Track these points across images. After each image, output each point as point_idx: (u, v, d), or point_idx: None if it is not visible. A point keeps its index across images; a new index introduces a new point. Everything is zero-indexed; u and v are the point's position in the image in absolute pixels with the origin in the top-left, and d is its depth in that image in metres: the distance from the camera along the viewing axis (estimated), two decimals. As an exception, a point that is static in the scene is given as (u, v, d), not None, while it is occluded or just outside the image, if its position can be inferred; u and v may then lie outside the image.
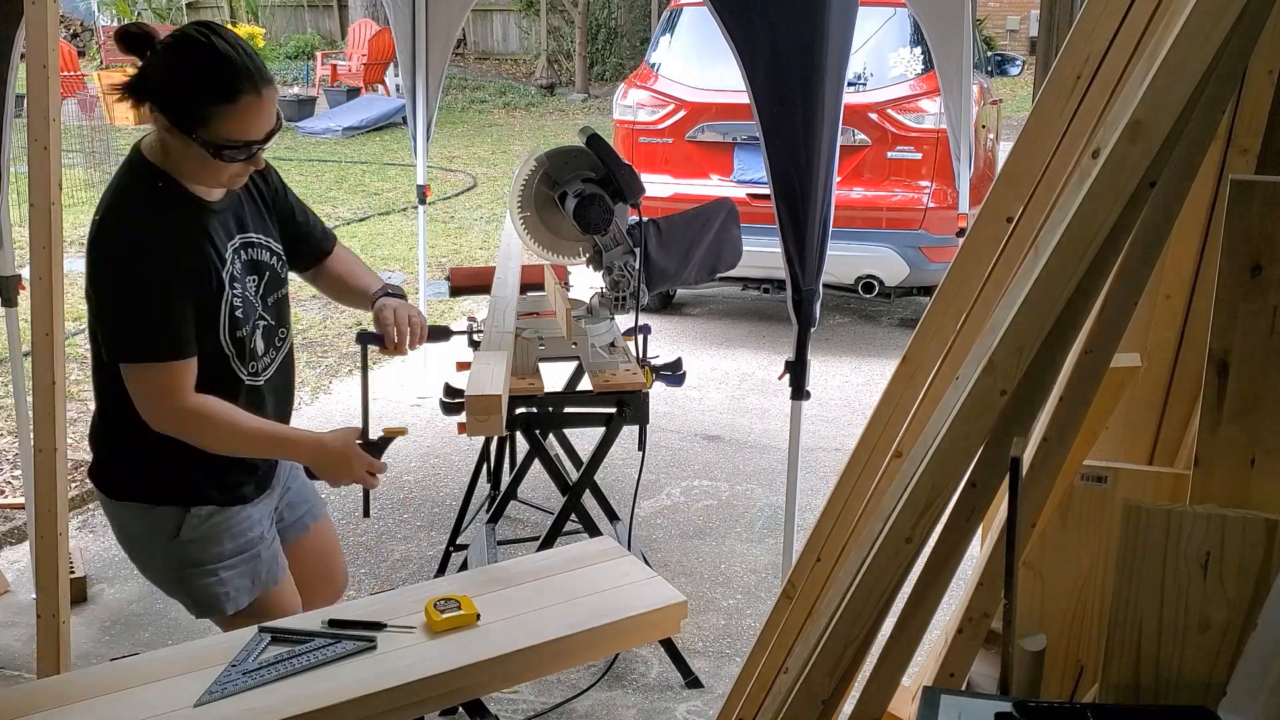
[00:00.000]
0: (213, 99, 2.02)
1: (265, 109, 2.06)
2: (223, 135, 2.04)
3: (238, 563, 2.32)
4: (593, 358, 3.07)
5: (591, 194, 2.94)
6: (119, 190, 2.15)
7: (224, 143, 2.04)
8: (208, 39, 2.03)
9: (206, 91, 2.02)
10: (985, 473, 1.68)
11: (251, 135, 2.07)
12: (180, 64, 2.03)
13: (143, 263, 2.07)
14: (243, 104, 2.03)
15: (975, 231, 2.16)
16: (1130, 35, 1.91)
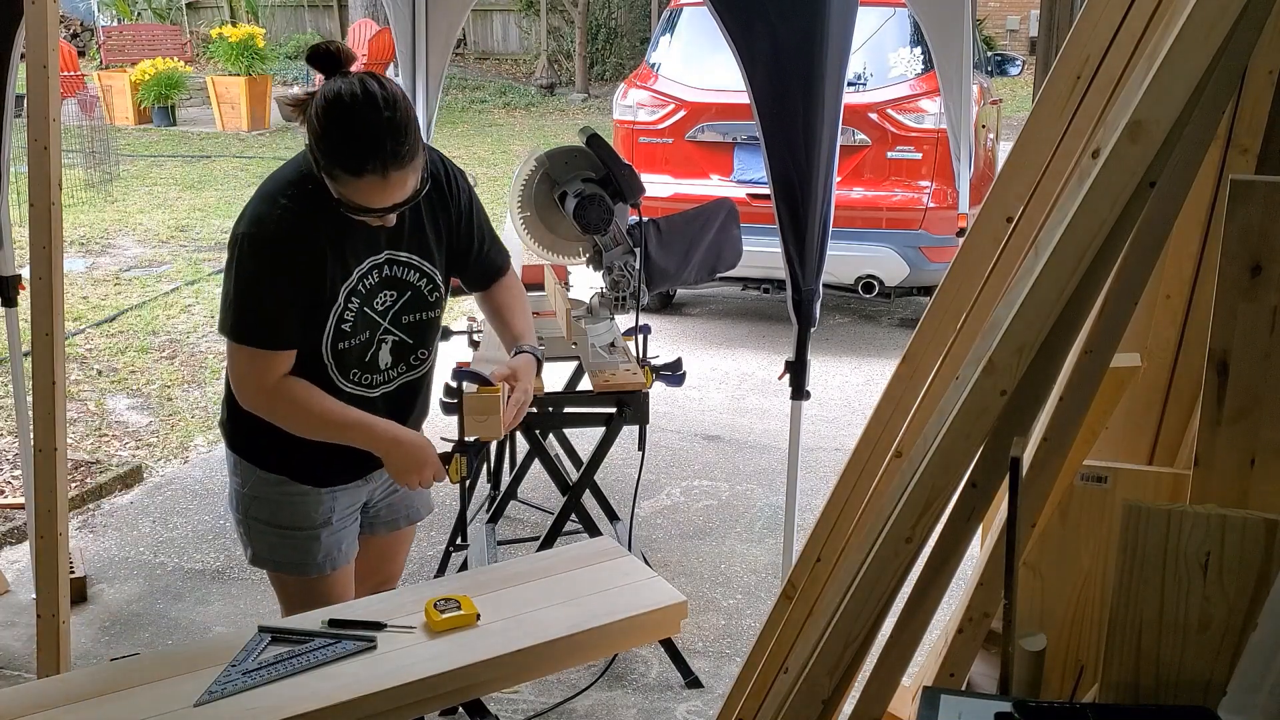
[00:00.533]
0: (340, 167, 2.07)
1: (390, 189, 2.09)
2: (348, 196, 2.10)
3: (290, 536, 2.40)
4: (593, 358, 3.07)
5: (591, 194, 2.95)
6: (280, 180, 2.20)
7: (349, 203, 2.11)
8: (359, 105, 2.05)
9: (336, 157, 2.07)
10: (985, 473, 1.68)
11: (374, 205, 2.12)
12: (325, 119, 2.07)
13: (266, 255, 2.15)
14: (366, 181, 2.07)
15: (975, 231, 2.16)
16: (1130, 35, 1.91)
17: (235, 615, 3.63)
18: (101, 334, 6.42)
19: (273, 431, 2.29)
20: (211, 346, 6.25)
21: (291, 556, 2.42)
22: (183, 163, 11.73)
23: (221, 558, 4.02)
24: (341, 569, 2.46)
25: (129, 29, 17.30)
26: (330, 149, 2.07)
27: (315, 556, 2.41)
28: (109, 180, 10.15)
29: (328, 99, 2.06)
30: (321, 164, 2.09)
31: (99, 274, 7.62)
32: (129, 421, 5.23)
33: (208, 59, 16.30)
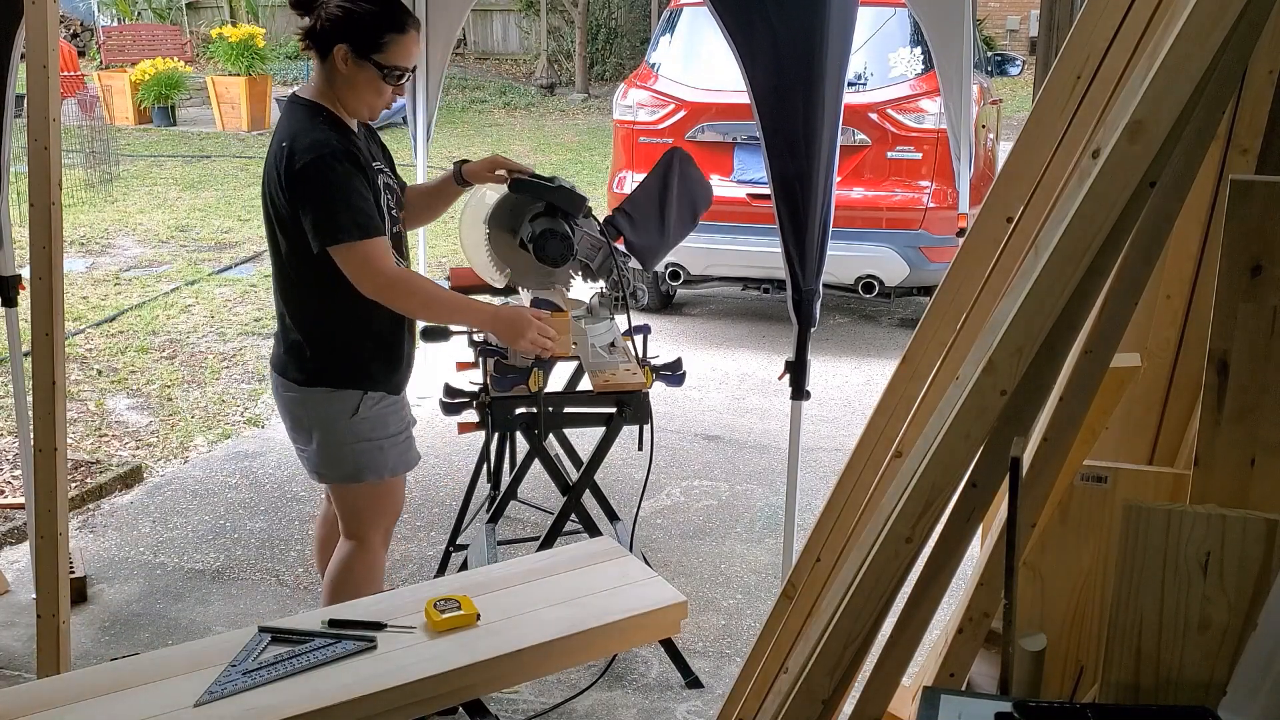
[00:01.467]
0: (389, 29, 2.56)
1: (417, 47, 2.65)
2: (392, 61, 2.58)
3: (396, 441, 2.78)
4: (593, 358, 3.07)
5: (541, 230, 2.94)
6: (292, 123, 2.60)
7: (393, 67, 2.58)
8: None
9: (385, 23, 2.56)
10: (985, 473, 1.68)
11: (409, 62, 2.63)
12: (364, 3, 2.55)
13: (331, 164, 2.52)
14: (409, 35, 2.60)
15: (975, 231, 2.16)
16: (1130, 35, 1.91)
17: (235, 615, 3.63)
18: (101, 334, 6.42)
19: (362, 353, 2.69)
20: (211, 346, 6.25)
21: (401, 457, 2.80)
22: (183, 163, 11.74)
23: (221, 558, 4.02)
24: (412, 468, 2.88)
25: (129, 29, 17.30)
26: (377, 19, 2.55)
27: (414, 449, 2.84)
28: (109, 180, 10.15)
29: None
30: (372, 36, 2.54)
31: (99, 274, 7.62)
32: (129, 421, 5.23)
33: (208, 59, 16.30)
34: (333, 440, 2.73)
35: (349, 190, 2.54)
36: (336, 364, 2.71)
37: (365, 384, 2.71)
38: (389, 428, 2.76)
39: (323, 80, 2.64)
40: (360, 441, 2.73)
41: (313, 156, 2.51)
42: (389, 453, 2.77)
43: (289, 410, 2.80)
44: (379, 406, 2.73)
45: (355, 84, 2.60)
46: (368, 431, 2.73)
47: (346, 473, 2.76)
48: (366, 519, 2.82)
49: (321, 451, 2.76)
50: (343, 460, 2.75)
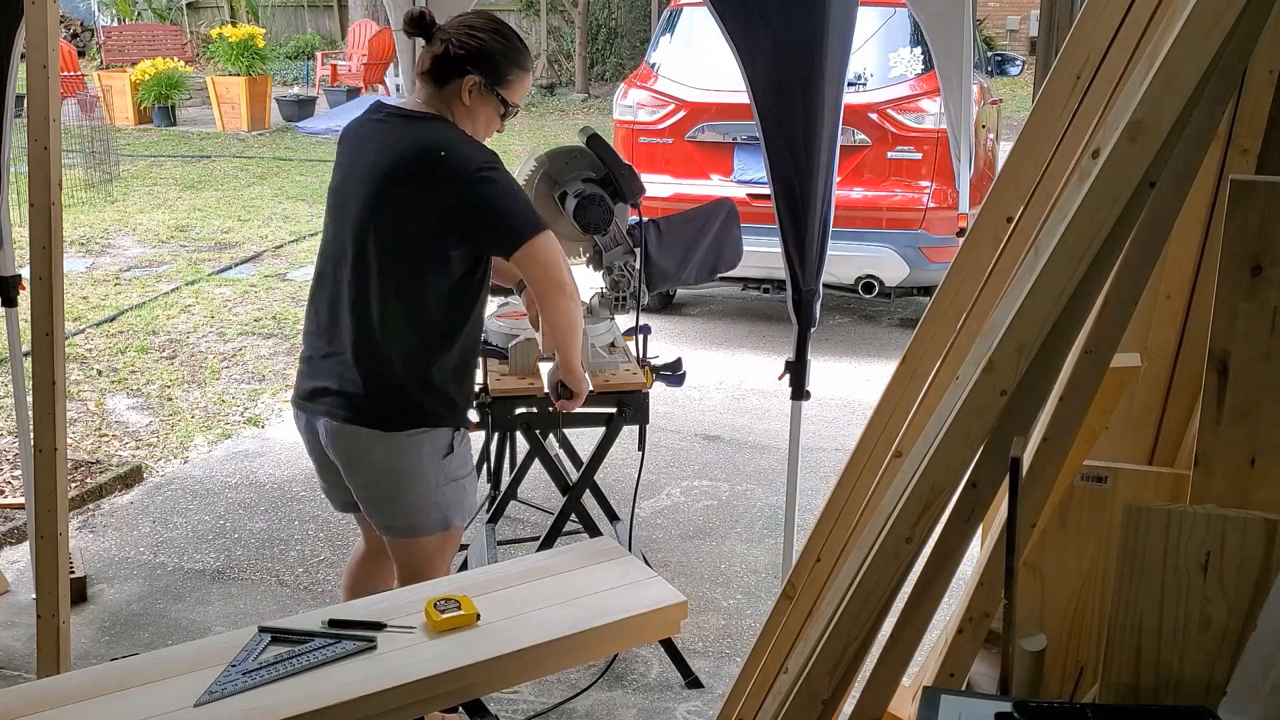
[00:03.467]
0: (518, 65, 2.59)
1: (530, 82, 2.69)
2: (514, 97, 2.60)
3: (471, 479, 2.68)
4: (593, 358, 3.07)
5: (591, 194, 2.94)
6: (434, 131, 2.51)
7: (513, 104, 2.60)
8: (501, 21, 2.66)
9: (515, 59, 2.58)
10: (985, 473, 1.68)
11: (521, 101, 2.65)
12: (500, 36, 2.59)
13: (497, 166, 2.49)
14: (528, 74, 2.63)
15: (975, 231, 2.16)
16: (1130, 35, 1.91)
17: (235, 615, 3.63)
18: (101, 334, 6.42)
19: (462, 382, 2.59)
20: (211, 346, 6.25)
21: (475, 494, 2.72)
22: (183, 163, 11.73)
23: (221, 558, 4.02)
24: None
25: (129, 29, 17.31)
26: (508, 54, 2.57)
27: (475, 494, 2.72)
28: (109, 180, 10.15)
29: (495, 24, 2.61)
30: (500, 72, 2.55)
31: (99, 274, 7.62)
32: (129, 421, 5.23)
33: (208, 59, 16.31)
34: (426, 486, 2.54)
35: (518, 190, 2.53)
36: (439, 398, 2.53)
37: (460, 418, 2.59)
38: (468, 464, 2.65)
39: (438, 103, 2.54)
40: (451, 483, 2.58)
41: (488, 161, 2.46)
42: (469, 490, 2.66)
43: (368, 459, 2.53)
44: (464, 444, 2.61)
45: (474, 115, 2.55)
46: (456, 470, 2.59)
47: (436, 520, 2.58)
48: (436, 567, 2.64)
49: (413, 502, 2.55)
50: (433, 507, 2.57)
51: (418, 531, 2.58)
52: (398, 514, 2.58)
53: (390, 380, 2.49)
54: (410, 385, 2.49)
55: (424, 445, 2.51)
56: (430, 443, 2.52)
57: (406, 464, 2.51)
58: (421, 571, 2.61)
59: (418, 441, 2.51)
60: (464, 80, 2.51)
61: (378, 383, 2.49)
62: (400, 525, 2.59)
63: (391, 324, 2.48)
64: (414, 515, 2.57)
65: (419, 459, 2.51)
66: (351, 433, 2.51)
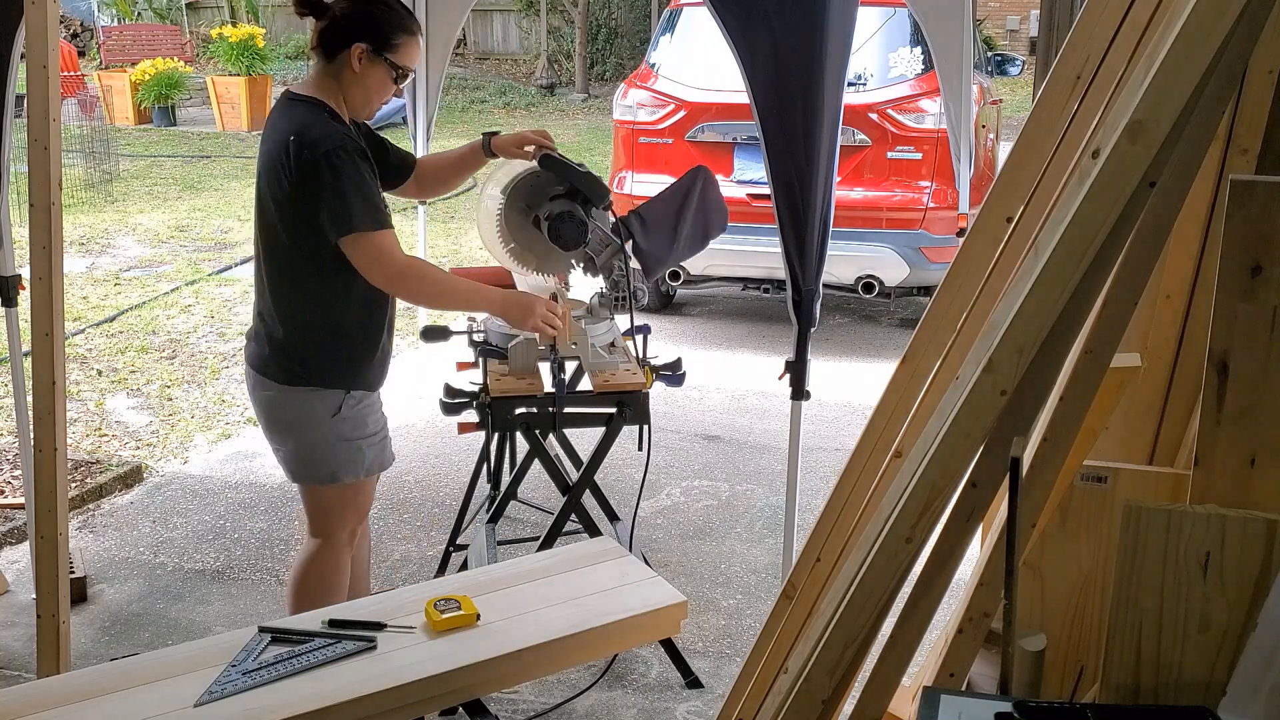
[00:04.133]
0: (402, 30, 2.68)
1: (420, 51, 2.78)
2: (403, 61, 2.69)
3: (374, 440, 2.81)
4: (593, 358, 3.07)
5: (560, 212, 2.94)
6: (294, 118, 2.63)
7: (403, 67, 2.70)
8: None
9: (399, 24, 2.68)
10: (985, 473, 1.68)
11: (415, 64, 2.74)
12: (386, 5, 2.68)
13: (344, 156, 2.57)
14: (417, 38, 2.72)
15: (975, 231, 2.16)
16: (1130, 35, 1.91)
17: (235, 615, 3.63)
18: (101, 334, 6.42)
19: (349, 352, 2.72)
20: (211, 346, 6.25)
21: (377, 457, 2.82)
22: (183, 163, 11.73)
23: (221, 558, 4.02)
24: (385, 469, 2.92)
25: (129, 29, 17.30)
26: (391, 19, 2.66)
27: (389, 449, 2.87)
28: (109, 180, 10.15)
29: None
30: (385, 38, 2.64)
31: (99, 274, 7.62)
32: (129, 421, 5.23)
33: (208, 59, 16.30)
34: (313, 440, 2.75)
35: (361, 182, 2.59)
36: (322, 362, 2.72)
37: (348, 383, 2.74)
38: (368, 427, 2.78)
39: (326, 78, 2.69)
40: (341, 441, 2.74)
41: (327, 148, 2.55)
42: (367, 452, 2.79)
43: (267, 410, 2.79)
44: (360, 406, 2.76)
45: (365, 83, 2.68)
46: (348, 431, 2.74)
47: (325, 474, 2.77)
48: (335, 518, 2.83)
49: (301, 452, 2.77)
50: (322, 461, 2.76)
51: (306, 479, 2.79)
52: (286, 459, 2.81)
53: (280, 341, 2.72)
54: (295, 347, 2.71)
55: (310, 401, 2.72)
56: (318, 400, 2.71)
57: (291, 415, 2.75)
58: (321, 519, 2.83)
59: (302, 397, 2.72)
60: (351, 49, 2.65)
61: (270, 341, 2.74)
62: (290, 470, 2.82)
63: (275, 289, 2.71)
64: (302, 464, 2.78)
65: (305, 413, 2.73)
66: (253, 379, 2.79)
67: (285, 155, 2.58)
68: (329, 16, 2.67)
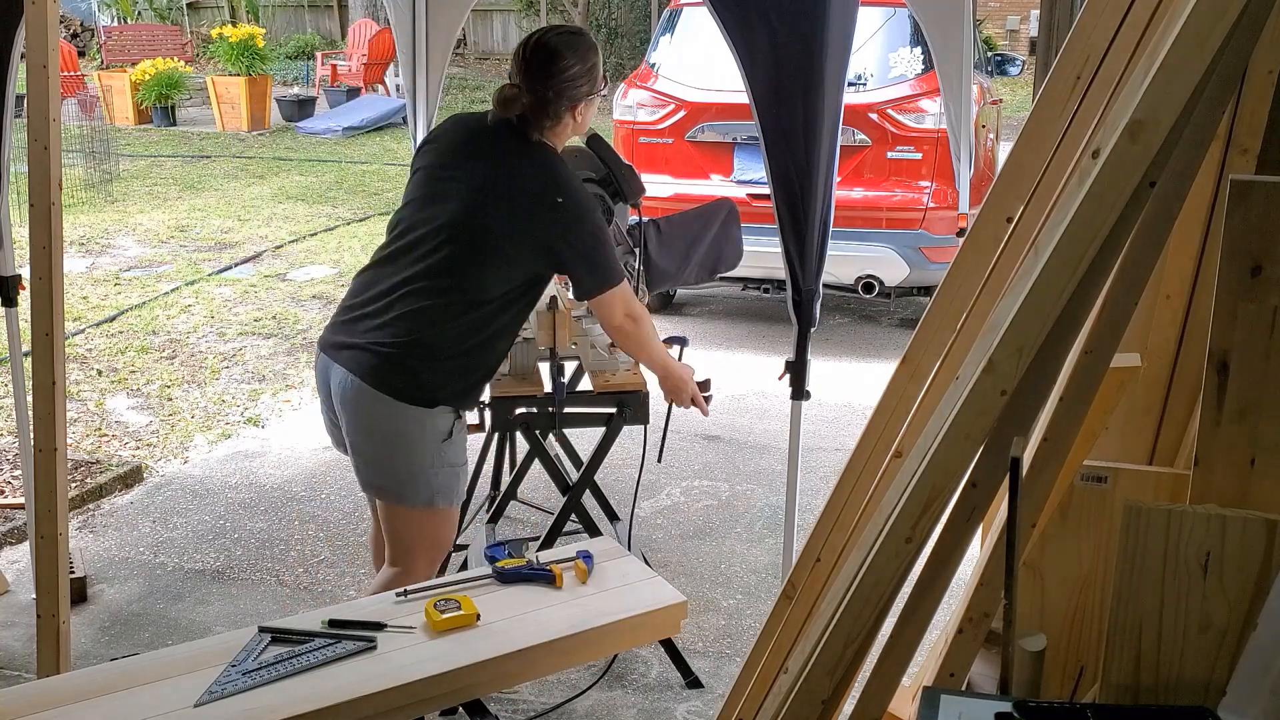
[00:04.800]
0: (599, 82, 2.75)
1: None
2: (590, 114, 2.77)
3: (464, 469, 2.78)
4: (593, 359, 3.07)
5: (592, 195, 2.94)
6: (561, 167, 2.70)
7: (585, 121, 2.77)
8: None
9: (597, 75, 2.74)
10: (985, 473, 1.68)
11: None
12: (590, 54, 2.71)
13: (600, 219, 2.71)
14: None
15: (975, 231, 2.16)
16: (1130, 35, 1.91)
17: (235, 615, 3.63)
18: (101, 334, 6.42)
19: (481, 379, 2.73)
20: (211, 346, 6.25)
21: (461, 485, 2.78)
22: (182, 163, 11.73)
23: (221, 558, 4.02)
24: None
25: (129, 29, 17.30)
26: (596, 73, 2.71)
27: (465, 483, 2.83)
28: (109, 180, 10.14)
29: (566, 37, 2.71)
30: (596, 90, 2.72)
31: (99, 274, 7.62)
32: (129, 421, 5.23)
33: (208, 59, 16.30)
34: (421, 462, 2.65)
35: (608, 241, 2.71)
36: (452, 390, 2.65)
37: (463, 405, 2.72)
38: (463, 454, 2.75)
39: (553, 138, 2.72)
40: (445, 466, 2.68)
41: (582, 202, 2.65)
42: (460, 480, 2.75)
43: (373, 421, 2.65)
44: (461, 432, 2.72)
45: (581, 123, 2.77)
46: (453, 456, 2.69)
47: (424, 497, 2.68)
48: (419, 546, 2.74)
49: (401, 473, 2.67)
50: (426, 483, 2.67)
51: (404, 500, 2.69)
52: (388, 478, 2.70)
53: (418, 358, 2.60)
54: (433, 369, 2.61)
55: (426, 423, 2.63)
56: (433, 422, 2.63)
57: (407, 435, 2.64)
58: (405, 544, 2.73)
59: (420, 418, 2.62)
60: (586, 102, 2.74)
61: (404, 356, 2.60)
62: (389, 489, 2.71)
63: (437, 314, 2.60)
64: (404, 484, 2.68)
65: (419, 434, 2.64)
66: (359, 390, 2.62)
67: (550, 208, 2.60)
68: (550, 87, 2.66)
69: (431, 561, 2.78)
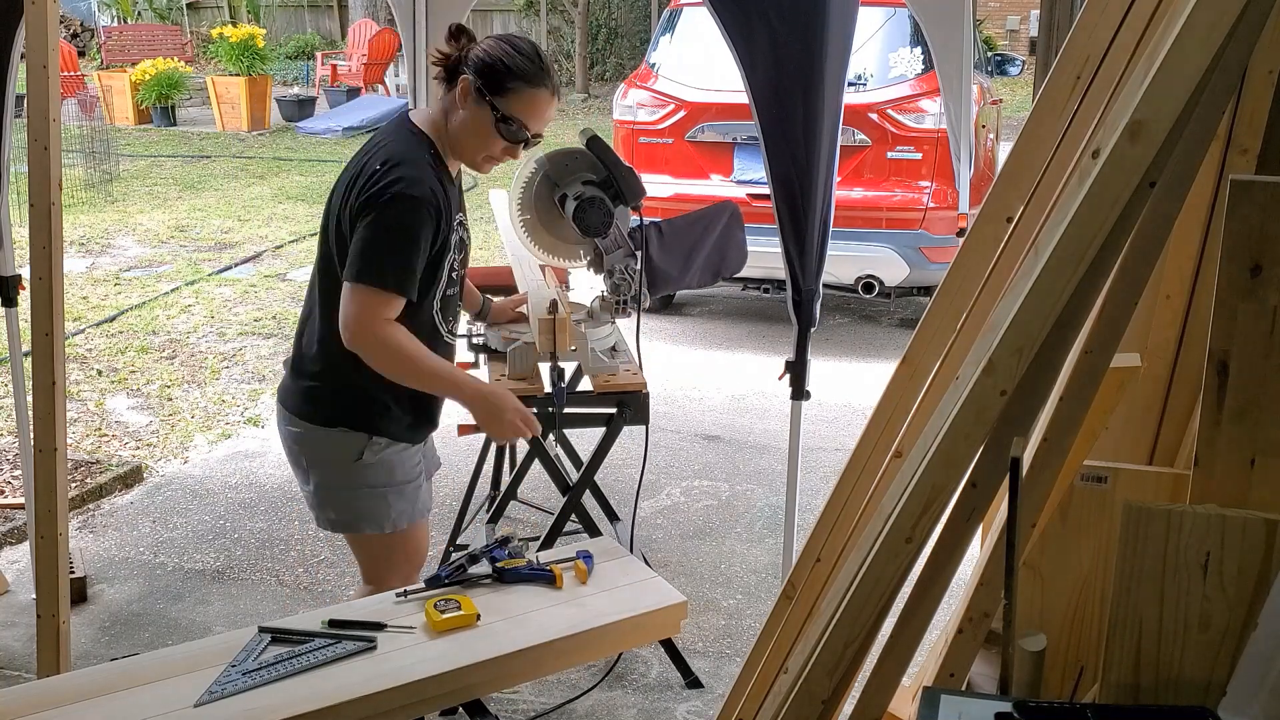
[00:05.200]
0: (520, 78, 2.47)
1: (548, 113, 2.54)
2: (512, 109, 2.47)
3: (402, 489, 2.61)
4: (593, 362, 3.07)
5: (591, 196, 2.94)
6: (399, 145, 2.47)
7: (511, 116, 2.47)
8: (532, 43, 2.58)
9: (519, 71, 2.47)
10: (985, 473, 1.68)
11: (530, 120, 2.51)
12: (509, 45, 2.50)
13: (406, 209, 2.39)
14: (540, 92, 2.49)
15: (975, 231, 2.16)
16: (1130, 35, 1.91)
17: (235, 615, 3.63)
18: (101, 334, 6.42)
19: (379, 394, 2.51)
20: (211, 346, 6.25)
21: (404, 508, 2.61)
22: (182, 163, 11.73)
23: (221, 558, 4.02)
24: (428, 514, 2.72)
25: (129, 29, 17.31)
26: (512, 63, 2.46)
27: (421, 501, 2.66)
28: (109, 180, 10.15)
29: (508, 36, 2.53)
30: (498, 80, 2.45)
31: (99, 274, 7.62)
32: (129, 421, 5.23)
33: (208, 59, 16.32)
34: (330, 484, 2.60)
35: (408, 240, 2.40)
36: (349, 405, 2.54)
37: (374, 428, 2.55)
38: (395, 475, 2.59)
39: (440, 113, 2.53)
40: (363, 488, 2.57)
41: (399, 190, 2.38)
42: (394, 503, 2.59)
43: (288, 446, 2.65)
44: (386, 452, 2.57)
45: (468, 124, 2.48)
46: (372, 478, 2.57)
47: (345, 520, 2.62)
48: (381, 567, 2.68)
49: (318, 495, 2.62)
50: (344, 506, 2.60)
51: (337, 527, 2.66)
52: (310, 500, 2.66)
53: (310, 371, 2.58)
54: (324, 382, 2.56)
55: (328, 443, 2.56)
56: (336, 443, 2.55)
57: (310, 455, 2.60)
58: (367, 564, 2.71)
59: (321, 438, 2.57)
60: (460, 81, 2.49)
61: (299, 371, 2.61)
62: (316, 514, 2.67)
63: (323, 318, 2.53)
64: (322, 507, 2.64)
65: (323, 455, 2.58)
66: (279, 413, 2.66)
67: (366, 181, 2.41)
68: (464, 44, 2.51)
69: (404, 577, 2.64)
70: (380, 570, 2.67)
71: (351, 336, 2.41)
